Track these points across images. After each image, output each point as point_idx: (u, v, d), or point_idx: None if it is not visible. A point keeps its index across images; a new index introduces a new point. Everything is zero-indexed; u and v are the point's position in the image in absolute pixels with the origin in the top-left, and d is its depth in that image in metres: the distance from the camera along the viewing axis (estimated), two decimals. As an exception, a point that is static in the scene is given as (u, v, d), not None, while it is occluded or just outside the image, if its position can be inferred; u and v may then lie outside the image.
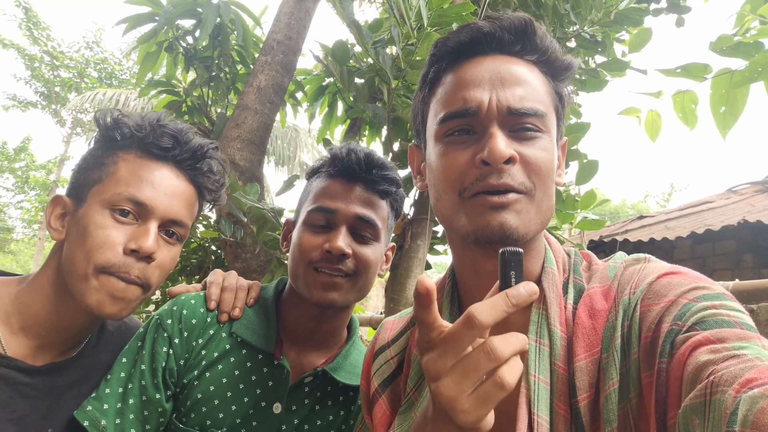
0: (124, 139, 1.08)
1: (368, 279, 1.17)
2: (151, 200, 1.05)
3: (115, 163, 1.06)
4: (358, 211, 1.15)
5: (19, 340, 1.02)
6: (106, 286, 1.01)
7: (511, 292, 0.61)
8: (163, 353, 1.11)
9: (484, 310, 0.59)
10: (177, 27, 3.16)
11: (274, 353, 1.16)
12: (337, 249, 1.10)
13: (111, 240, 1.01)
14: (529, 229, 0.81)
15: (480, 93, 0.82)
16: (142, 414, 1.07)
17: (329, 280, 1.12)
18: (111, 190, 1.03)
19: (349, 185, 1.17)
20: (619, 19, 2.36)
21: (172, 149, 1.10)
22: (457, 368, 0.59)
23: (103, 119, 1.09)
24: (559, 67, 0.88)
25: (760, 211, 5.99)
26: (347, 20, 2.07)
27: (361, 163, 1.16)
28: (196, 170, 1.14)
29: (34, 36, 17.09)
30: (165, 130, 1.09)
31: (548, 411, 0.75)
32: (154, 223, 1.05)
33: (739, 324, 0.62)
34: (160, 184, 1.07)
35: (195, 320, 1.16)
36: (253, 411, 1.13)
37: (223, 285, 1.24)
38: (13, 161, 20.00)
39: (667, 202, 26.96)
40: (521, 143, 0.81)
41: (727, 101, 1.90)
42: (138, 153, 1.08)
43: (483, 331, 0.59)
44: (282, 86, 2.96)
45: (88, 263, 1.00)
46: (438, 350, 0.61)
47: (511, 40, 0.85)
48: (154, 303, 3.26)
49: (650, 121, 2.48)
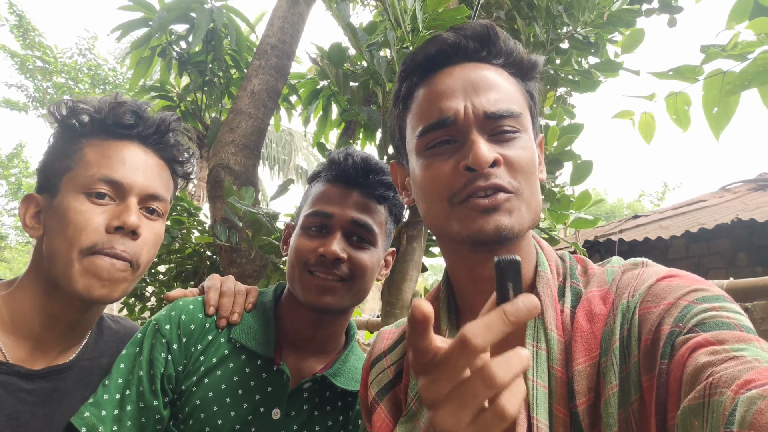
0: (83, 126, 1.06)
1: (364, 284, 1.17)
2: (126, 178, 1.04)
3: (81, 149, 1.05)
4: (353, 216, 1.14)
5: (16, 342, 1.01)
6: (92, 267, 0.99)
7: (509, 309, 0.54)
8: (161, 359, 1.10)
9: (480, 332, 0.54)
10: (170, 32, 3.16)
11: (273, 358, 1.15)
12: (331, 253, 1.11)
13: (92, 222, 1.00)
14: (523, 227, 0.82)
15: (455, 102, 0.83)
16: (139, 421, 1.06)
17: (323, 284, 1.12)
18: (83, 174, 1.02)
19: (345, 190, 1.17)
20: (611, 20, 2.37)
21: (135, 126, 1.08)
22: (453, 397, 0.54)
23: (59, 110, 1.07)
24: (525, 67, 0.91)
25: (753, 210, 6.03)
26: (343, 23, 2.07)
27: (358, 168, 1.17)
28: (163, 144, 1.13)
29: (26, 42, 17.00)
30: (125, 107, 1.08)
31: (547, 415, 0.75)
32: (133, 199, 1.04)
33: (738, 326, 0.63)
34: (131, 161, 1.06)
35: (194, 326, 1.15)
36: (252, 417, 1.13)
37: (221, 290, 1.23)
38: (6, 168, 19.87)
39: (660, 201, 27.12)
40: (502, 145, 0.83)
41: (720, 102, 1.91)
42: (102, 136, 1.06)
43: (480, 353, 0.54)
44: (276, 90, 2.96)
45: (72, 248, 0.98)
46: (433, 375, 0.56)
47: (476, 47, 0.87)
48: (149, 309, 3.25)
49: (644, 124, 2.49)
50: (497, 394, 0.53)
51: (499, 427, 0.53)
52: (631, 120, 2.52)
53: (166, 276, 3.20)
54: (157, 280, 3.20)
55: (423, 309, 0.55)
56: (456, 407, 0.54)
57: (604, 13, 2.36)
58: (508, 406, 0.52)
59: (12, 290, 1.05)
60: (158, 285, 3.19)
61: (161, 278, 3.21)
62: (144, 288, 3.22)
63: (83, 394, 1.07)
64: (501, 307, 0.55)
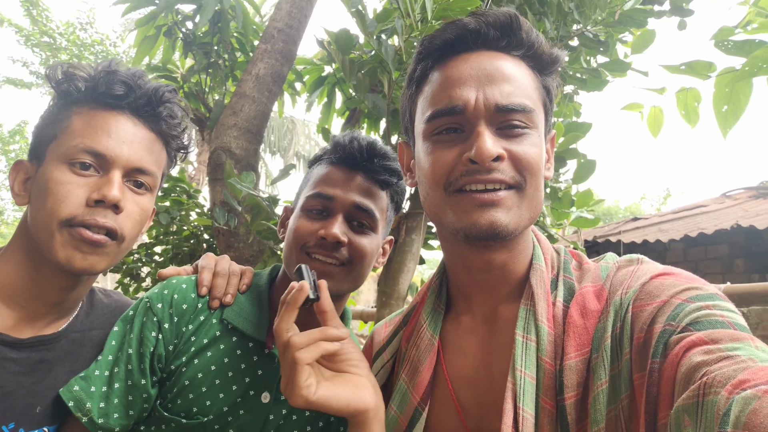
0: (78, 93, 1.04)
1: (363, 269, 1.16)
2: (110, 150, 1.01)
3: (68, 117, 1.02)
4: (356, 200, 1.13)
5: (2, 311, 1.00)
6: (73, 239, 0.98)
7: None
8: (152, 338, 1.09)
9: (283, 323, 0.89)
10: (176, 12, 3.13)
11: (265, 342, 1.15)
12: (332, 236, 1.09)
13: (73, 193, 0.97)
14: (520, 225, 0.82)
15: (466, 91, 0.82)
16: (126, 399, 1.06)
17: (322, 268, 1.10)
18: (66, 144, 1.00)
19: (349, 173, 1.15)
20: (623, 19, 2.35)
21: (125, 96, 1.05)
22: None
23: (54, 73, 1.04)
24: (546, 61, 0.89)
25: (753, 216, 6.02)
26: (351, 8, 2.05)
27: (363, 152, 1.15)
28: (155, 116, 1.09)
29: (32, 16, 16.88)
30: (116, 77, 1.04)
31: (534, 405, 0.76)
32: (116, 172, 1.01)
33: (732, 325, 0.62)
34: (117, 132, 1.03)
35: (186, 305, 1.14)
36: (241, 399, 1.12)
37: (215, 270, 1.21)
38: (7, 143, 19.80)
39: (662, 205, 27.08)
40: (509, 140, 0.82)
41: (730, 100, 1.90)
42: (91, 104, 1.04)
43: (285, 332, 0.88)
44: (281, 75, 2.94)
45: (52, 219, 0.97)
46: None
47: (496, 35, 0.85)
48: (144, 290, 3.25)
49: (653, 117, 2.48)
50: (298, 349, 0.84)
51: (292, 368, 0.83)
52: (640, 113, 2.51)
53: (162, 257, 3.20)
54: (153, 261, 3.19)
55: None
56: (281, 354, 0.87)
57: (616, 12, 2.34)
58: (299, 356, 0.83)
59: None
60: (154, 266, 3.19)
61: (158, 259, 3.21)
62: (140, 268, 3.21)
63: (72, 366, 1.07)
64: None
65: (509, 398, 0.77)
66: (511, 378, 0.78)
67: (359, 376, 0.90)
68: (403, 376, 0.94)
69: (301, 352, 0.83)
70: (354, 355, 0.92)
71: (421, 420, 0.89)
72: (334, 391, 0.85)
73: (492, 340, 0.89)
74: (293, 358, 0.83)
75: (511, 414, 0.75)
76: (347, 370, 0.91)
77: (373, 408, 0.88)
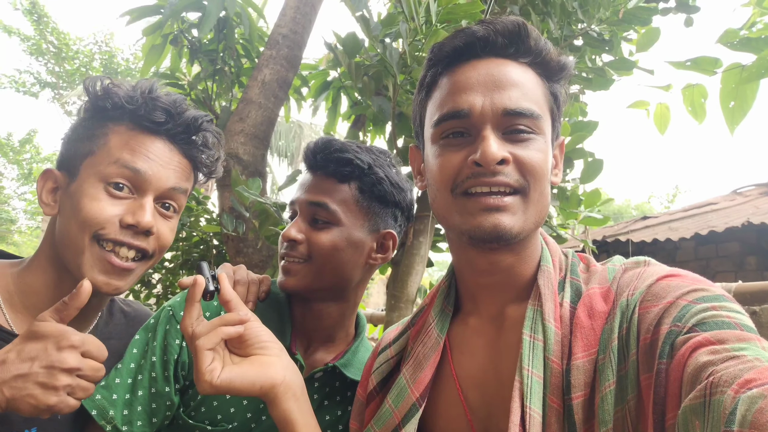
0: (115, 110, 1.05)
1: (330, 263, 1.16)
2: (146, 173, 1.02)
3: (105, 134, 1.04)
4: (308, 198, 1.18)
5: (24, 320, 1.01)
6: (101, 262, 1.00)
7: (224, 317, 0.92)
8: (175, 345, 1.10)
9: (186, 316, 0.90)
10: (182, 20, 3.16)
11: (289, 347, 1.16)
12: (285, 236, 1.17)
13: (106, 212, 0.99)
14: (524, 229, 0.83)
15: (473, 96, 0.84)
16: (150, 406, 1.07)
17: (285, 266, 1.18)
18: (104, 163, 1.01)
19: (307, 175, 1.23)
20: (627, 18, 2.34)
21: (165, 123, 1.07)
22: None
23: (93, 87, 1.06)
24: (553, 68, 0.90)
25: (764, 213, 5.96)
26: (355, 13, 2.07)
27: (310, 152, 1.21)
28: (190, 144, 1.12)
29: (39, 26, 17.11)
30: (157, 103, 1.06)
31: (541, 404, 0.76)
32: (149, 196, 1.03)
33: (738, 325, 0.62)
34: (155, 157, 1.05)
35: (208, 313, 1.15)
36: (264, 406, 1.13)
37: (234, 278, 1.22)
38: (18, 153, 20.04)
39: (671, 203, 26.87)
40: (514, 145, 0.83)
41: (737, 96, 1.89)
42: (129, 125, 1.05)
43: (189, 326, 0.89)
44: (286, 81, 2.96)
45: (83, 234, 0.98)
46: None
47: (504, 43, 0.86)
48: (155, 296, 3.27)
49: (659, 114, 2.47)
50: (198, 337, 0.88)
51: (196, 356, 0.87)
52: (646, 110, 2.50)
53: (172, 263, 3.22)
54: (163, 267, 3.22)
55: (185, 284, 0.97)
56: (190, 347, 0.91)
57: (620, 10, 2.33)
58: (198, 343, 0.86)
59: (23, 269, 1.06)
60: (165, 272, 3.21)
61: (168, 265, 3.23)
62: (150, 275, 3.24)
63: None
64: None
65: (516, 397, 0.77)
66: (518, 377, 0.79)
67: (267, 355, 0.93)
68: (405, 371, 0.95)
69: (201, 340, 0.87)
70: (264, 337, 0.95)
71: (416, 416, 0.90)
72: (238, 372, 0.87)
73: (499, 340, 0.90)
74: (194, 346, 0.87)
75: (518, 413, 0.76)
76: (255, 352, 0.93)
77: (281, 382, 0.90)
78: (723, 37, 1.88)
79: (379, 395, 1.00)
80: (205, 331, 0.88)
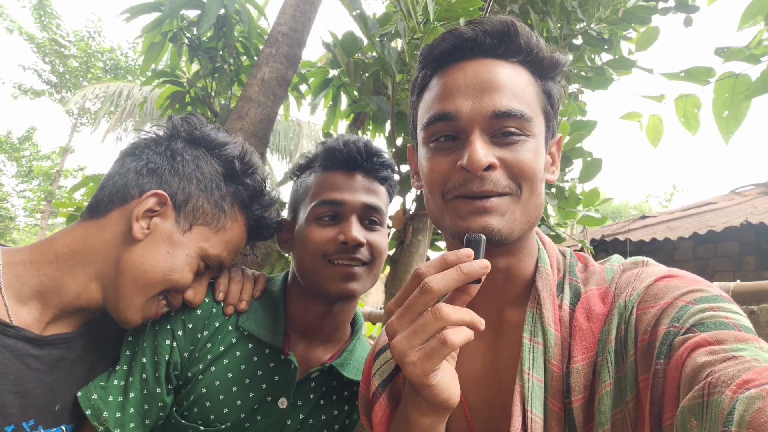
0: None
1: (381, 265, 1.19)
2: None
3: None
4: (365, 200, 1.15)
5: (29, 309, 0.99)
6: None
7: (464, 265, 0.69)
8: (166, 346, 1.09)
9: (436, 278, 0.68)
10: (182, 17, 3.15)
11: (282, 348, 1.15)
12: (353, 239, 1.10)
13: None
14: (515, 230, 0.82)
15: (460, 98, 0.82)
16: (142, 408, 1.06)
17: (347, 271, 1.11)
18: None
19: (350, 175, 1.18)
20: (626, 17, 2.34)
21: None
22: (409, 327, 0.68)
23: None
24: (546, 65, 0.88)
25: (763, 213, 5.97)
26: (353, 12, 2.06)
27: (362, 152, 1.18)
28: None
29: (43, 23, 17.08)
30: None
31: (542, 408, 0.76)
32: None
33: (737, 326, 0.62)
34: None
35: (200, 311, 1.14)
36: (259, 406, 1.13)
37: (229, 275, 1.21)
38: (17, 151, 19.98)
39: (669, 202, 26.92)
40: (503, 148, 0.81)
41: (731, 105, 1.88)
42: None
43: (436, 296, 0.67)
44: (286, 79, 2.95)
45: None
46: (397, 314, 0.71)
47: (493, 43, 0.85)
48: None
49: (652, 127, 2.46)
50: (443, 327, 0.67)
51: (442, 352, 0.67)
52: (639, 122, 2.49)
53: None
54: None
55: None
56: (410, 333, 0.68)
57: (619, 9, 2.33)
58: (450, 337, 0.66)
59: (50, 262, 1.03)
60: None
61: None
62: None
63: (91, 366, 1.07)
64: (458, 265, 0.69)
65: (518, 401, 0.77)
66: (519, 381, 0.78)
67: (452, 367, 0.77)
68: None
69: (451, 334, 0.66)
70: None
71: None
72: (442, 376, 0.71)
73: (499, 343, 0.90)
74: (443, 339, 0.66)
75: (519, 416, 0.76)
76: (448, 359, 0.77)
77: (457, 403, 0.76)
78: (728, 55, 1.86)
79: (382, 396, 0.99)
80: (456, 321, 0.68)
